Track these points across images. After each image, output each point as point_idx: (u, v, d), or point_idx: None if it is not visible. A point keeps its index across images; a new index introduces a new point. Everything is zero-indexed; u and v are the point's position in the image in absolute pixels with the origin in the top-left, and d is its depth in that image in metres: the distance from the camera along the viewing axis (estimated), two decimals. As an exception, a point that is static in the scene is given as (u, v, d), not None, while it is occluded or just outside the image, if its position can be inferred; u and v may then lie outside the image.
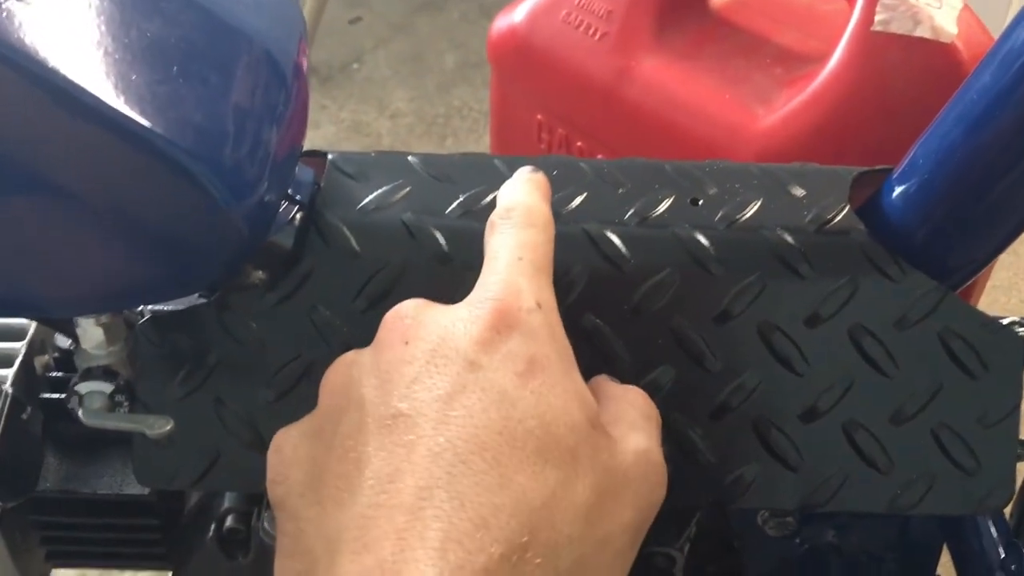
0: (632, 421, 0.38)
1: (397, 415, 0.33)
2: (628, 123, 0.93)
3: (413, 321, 0.36)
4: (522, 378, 0.34)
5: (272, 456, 0.37)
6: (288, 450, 0.37)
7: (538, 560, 0.31)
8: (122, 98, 0.34)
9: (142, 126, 0.34)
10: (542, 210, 0.41)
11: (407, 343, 0.35)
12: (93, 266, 0.37)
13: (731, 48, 0.91)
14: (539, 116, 1.05)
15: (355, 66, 1.94)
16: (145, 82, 0.35)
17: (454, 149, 1.69)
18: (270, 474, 0.37)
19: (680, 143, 0.89)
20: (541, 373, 0.34)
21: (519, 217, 0.40)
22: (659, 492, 0.37)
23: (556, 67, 0.99)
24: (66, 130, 0.34)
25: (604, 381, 0.41)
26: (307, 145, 0.46)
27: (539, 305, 0.36)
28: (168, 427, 0.40)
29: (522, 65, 1.03)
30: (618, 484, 0.35)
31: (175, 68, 0.36)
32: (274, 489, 0.36)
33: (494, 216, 0.41)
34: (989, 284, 1.32)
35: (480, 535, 0.30)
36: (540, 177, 0.43)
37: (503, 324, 0.35)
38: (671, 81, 0.91)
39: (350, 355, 0.37)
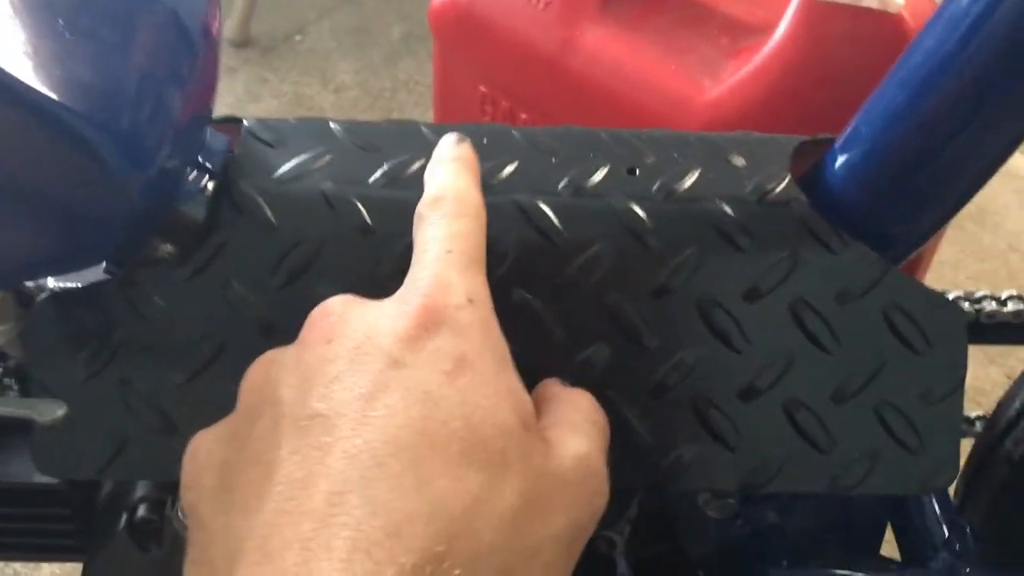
0: (573, 424, 0.36)
1: (314, 416, 0.31)
2: (573, 94, 0.92)
3: (338, 319, 0.34)
4: (449, 377, 0.32)
5: (186, 461, 0.35)
6: (202, 454, 0.35)
7: (456, 571, 0.29)
8: (1, 56, 0.31)
9: (23, 84, 0.31)
10: (472, 197, 0.39)
11: (330, 341, 0.33)
12: (-27, 238, 0.34)
13: (677, 18, 0.89)
14: (482, 88, 1.03)
15: (298, 37, 1.89)
16: (27, 37, 0.32)
17: (400, 123, 1.66)
18: (183, 479, 0.35)
19: (625, 115, 0.87)
20: (470, 371, 0.33)
21: (448, 207, 0.38)
22: (598, 500, 0.35)
23: (499, 37, 0.97)
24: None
25: (550, 383, 0.39)
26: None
27: (470, 301, 0.35)
28: (61, 412, 0.37)
29: (464, 35, 1.01)
30: (551, 490, 0.33)
31: (60, 21, 0.33)
32: (186, 495, 0.34)
33: (421, 206, 0.39)
34: (936, 259, 1.33)
35: (391, 544, 0.28)
36: (466, 152, 0.41)
37: (430, 321, 0.33)
38: (616, 52, 0.89)
39: (271, 353, 0.36)
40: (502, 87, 1.00)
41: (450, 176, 0.39)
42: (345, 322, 0.34)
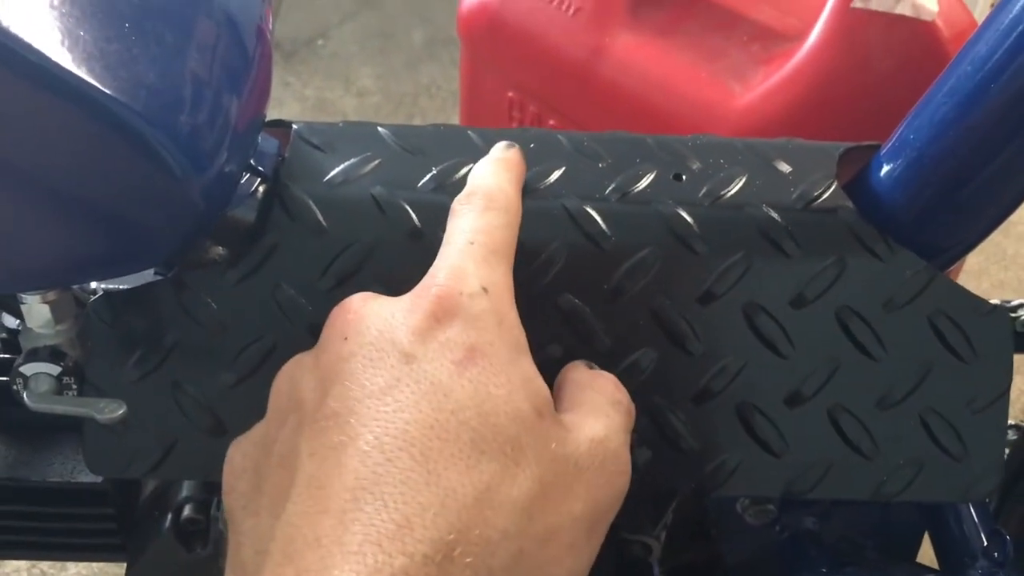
0: (594, 407, 0.36)
1: (330, 415, 0.32)
2: (602, 101, 0.92)
3: (355, 315, 0.35)
4: (459, 367, 0.32)
5: (225, 466, 0.36)
6: (237, 460, 0.36)
7: (468, 559, 0.29)
8: (68, 55, 0.31)
9: (90, 85, 0.31)
10: (505, 192, 0.39)
11: (346, 339, 0.34)
12: (36, 238, 0.35)
13: (707, 25, 0.89)
14: (510, 94, 1.03)
15: (320, 42, 1.90)
16: (93, 38, 0.32)
17: (422, 128, 1.66)
18: (224, 483, 0.36)
19: (655, 121, 0.87)
20: (482, 360, 0.33)
21: (479, 201, 0.38)
22: (619, 482, 0.35)
23: (528, 43, 0.97)
24: (6, 90, 0.31)
25: (574, 367, 0.39)
26: None
27: (484, 289, 0.35)
28: (120, 412, 0.38)
29: (493, 41, 1.01)
30: (567, 475, 0.33)
31: (127, 25, 0.33)
32: (225, 499, 0.35)
33: (455, 201, 0.39)
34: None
35: (402, 535, 0.29)
36: (514, 155, 0.41)
37: (442, 311, 0.34)
38: (646, 58, 0.89)
39: (297, 356, 0.36)
40: (531, 93, 1.00)
41: (488, 174, 0.40)
42: (361, 318, 0.34)
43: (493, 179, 0.40)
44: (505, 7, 0.98)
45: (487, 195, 0.39)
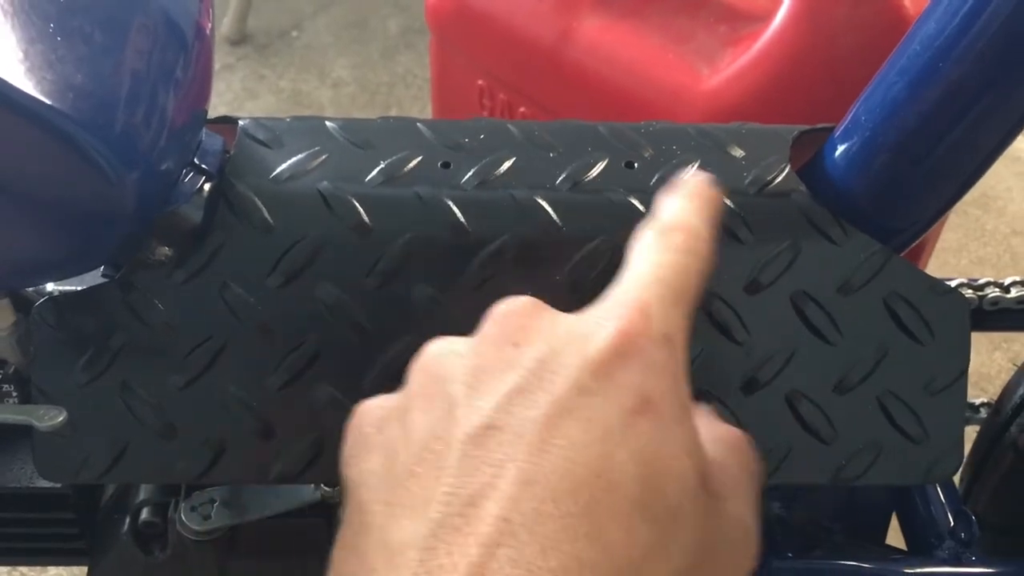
0: (736, 477, 0.34)
1: (489, 427, 0.29)
2: (571, 86, 0.91)
3: (527, 322, 0.32)
4: (632, 416, 0.30)
5: (352, 431, 0.33)
6: (368, 428, 0.33)
7: None
8: (-10, 59, 0.30)
9: (15, 89, 0.31)
10: (705, 239, 0.36)
11: (516, 345, 0.31)
12: (-34, 245, 0.34)
13: (675, 7, 0.89)
14: (480, 81, 1.02)
15: (295, 33, 1.88)
16: (16, 40, 0.31)
17: (399, 117, 1.65)
18: (346, 450, 0.33)
19: (625, 105, 0.87)
20: (653, 414, 0.30)
21: (679, 237, 0.35)
22: (749, 564, 0.33)
23: (496, 29, 0.96)
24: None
25: (707, 418, 0.36)
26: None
27: (667, 338, 0.32)
28: (60, 419, 0.37)
29: (461, 28, 1.00)
30: (714, 552, 0.31)
31: (51, 25, 0.32)
32: (348, 470, 0.33)
33: (652, 227, 0.36)
34: (938, 245, 1.33)
35: None
36: (715, 196, 0.38)
37: (623, 350, 0.31)
38: (614, 42, 0.88)
39: (447, 342, 0.33)
40: (500, 80, 0.99)
41: (692, 212, 0.36)
42: (533, 329, 0.32)
43: (697, 219, 0.36)
44: (472, -6, 0.98)
45: (690, 234, 0.35)
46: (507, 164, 0.43)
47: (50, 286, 0.46)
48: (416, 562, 0.27)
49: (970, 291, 0.61)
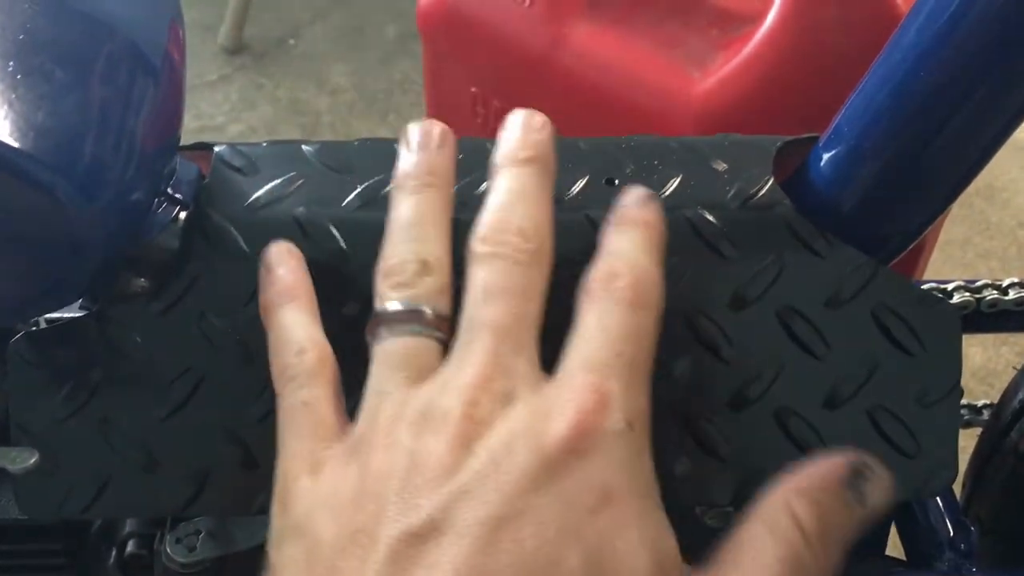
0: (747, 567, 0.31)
1: (428, 527, 0.27)
2: (563, 92, 0.90)
3: (483, 420, 0.29)
4: (591, 515, 0.28)
5: (276, 510, 0.32)
6: (298, 510, 0.30)
7: None
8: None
9: (-28, 131, 0.30)
10: (655, 279, 0.33)
11: (465, 447, 0.29)
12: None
13: (665, 11, 0.88)
14: (473, 89, 1.01)
15: (291, 41, 1.88)
16: (-26, 81, 0.31)
17: (397, 125, 1.65)
18: (272, 529, 0.32)
19: (616, 111, 0.86)
20: (611, 509, 0.28)
21: (626, 291, 0.32)
22: None
23: (487, 37, 0.95)
24: None
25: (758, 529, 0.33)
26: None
27: (630, 425, 0.30)
28: (32, 460, 0.37)
29: (453, 36, 0.99)
30: None
31: (10, 65, 0.32)
32: (272, 551, 0.31)
33: (593, 278, 0.33)
34: (943, 238, 1.31)
35: None
36: (655, 216, 0.35)
37: (582, 444, 0.29)
38: (605, 47, 0.88)
39: (400, 412, 0.31)
40: (493, 87, 0.99)
41: (634, 250, 0.34)
42: (487, 424, 0.29)
43: (643, 257, 0.33)
44: (463, 2, 0.97)
45: (637, 282, 0.32)
46: (485, 184, 0.43)
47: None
48: None
49: (968, 294, 0.60)
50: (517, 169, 0.35)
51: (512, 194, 0.35)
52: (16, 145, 0.31)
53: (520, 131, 0.36)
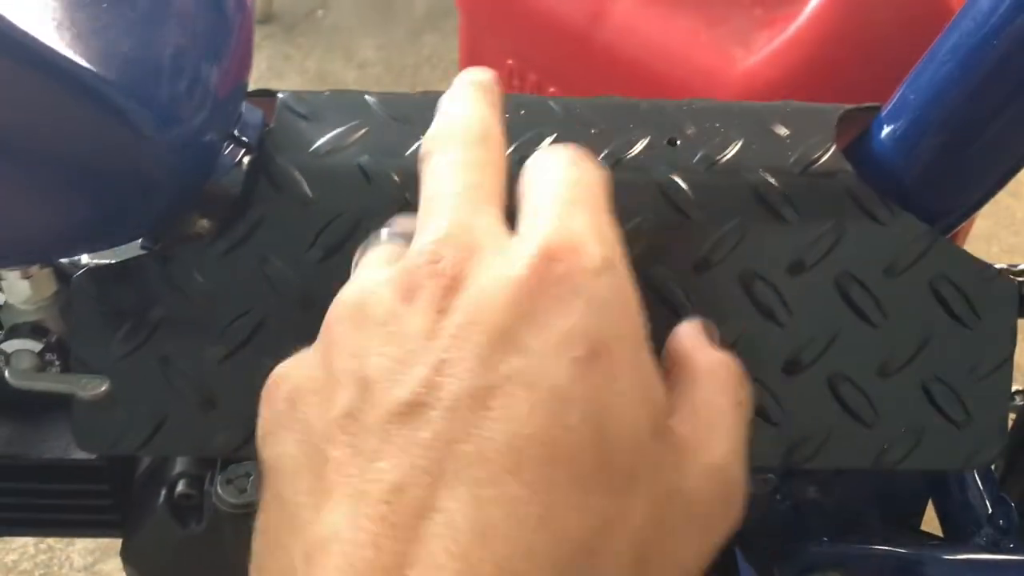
0: (713, 416, 0.30)
1: (414, 404, 0.25)
2: (602, 68, 0.90)
3: (451, 280, 0.27)
4: (581, 367, 0.25)
5: (264, 406, 0.29)
6: (281, 404, 0.29)
7: None
8: (37, 25, 0.30)
9: (61, 56, 0.30)
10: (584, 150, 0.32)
11: (441, 311, 0.26)
12: (12, 213, 0.34)
13: (709, -12, 0.88)
14: (510, 62, 1.01)
15: (320, 13, 1.88)
16: (63, 7, 0.31)
17: (424, 99, 1.65)
18: (260, 428, 0.29)
19: (656, 87, 0.86)
20: (605, 359, 0.26)
21: (566, 152, 0.31)
22: (733, 515, 0.29)
23: (527, 10, 0.95)
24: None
25: (688, 340, 0.32)
26: None
27: (608, 262, 0.27)
28: (103, 387, 0.37)
29: (491, 8, 0.99)
30: (681, 513, 0.27)
31: (98, -8, 0.32)
32: (263, 451, 0.29)
33: (531, 158, 0.32)
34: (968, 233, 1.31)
35: None
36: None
37: (561, 290, 0.26)
38: (646, 24, 0.88)
39: (364, 294, 0.28)
40: (530, 61, 0.99)
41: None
42: (456, 278, 0.27)
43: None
44: (503, -26, 0.97)
45: (572, 151, 0.31)
46: (548, 141, 0.43)
47: (85, 258, 0.46)
48: (340, 555, 0.24)
49: (1014, 276, 0.60)
50: (459, 90, 0.35)
51: (454, 103, 0.34)
52: (101, 72, 0.31)
53: (465, 71, 0.36)
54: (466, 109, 0.33)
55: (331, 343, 0.29)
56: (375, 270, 0.30)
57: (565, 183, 0.30)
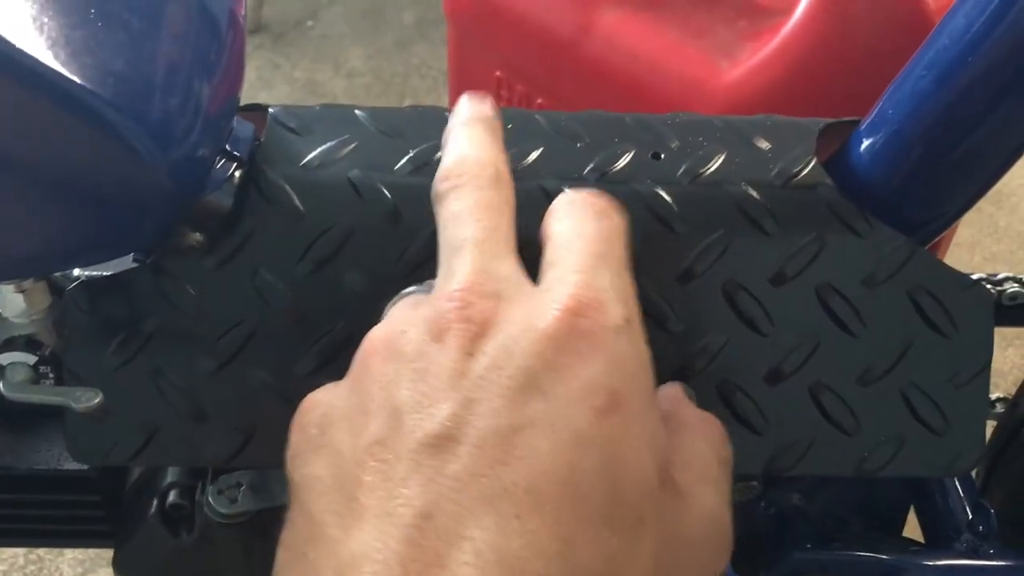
0: (704, 468, 0.32)
1: (444, 437, 0.27)
2: (590, 79, 0.91)
3: (480, 329, 0.29)
4: (599, 416, 0.28)
5: (295, 430, 0.31)
6: (312, 429, 0.30)
7: None
8: (34, 44, 0.31)
9: (55, 73, 0.31)
10: (612, 200, 0.34)
11: (470, 355, 0.28)
12: (5, 228, 0.35)
13: (694, 1, 0.89)
14: (498, 73, 1.02)
15: (310, 23, 1.88)
16: (58, 26, 0.32)
17: (413, 108, 1.65)
18: (290, 449, 0.31)
19: (643, 99, 0.87)
20: (621, 410, 0.28)
21: (593, 202, 0.33)
22: (724, 557, 0.31)
23: (515, 21, 0.96)
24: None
25: (678, 398, 0.35)
26: None
27: (628, 321, 0.30)
28: (96, 400, 0.38)
29: (479, 20, 1.00)
30: (681, 553, 0.29)
31: (92, 11, 0.33)
32: (293, 472, 0.31)
33: (558, 203, 0.34)
34: (952, 241, 1.32)
35: None
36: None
37: (585, 346, 0.28)
38: (633, 35, 0.88)
39: (395, 328, 0.31)
40: (518, 72, 1.00)
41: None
42: (483, 324, 0.29)
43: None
44: (491, -14, 0.98)
45: (599, 196, 0.34)
46: (535, 154, 0.43)
47: (78, 271, 0.46)
48: (370, 574, 0.26)
49: (989, 286, 0.61)
50: (467, 128, 0.37)
51: (463, 142, 0.36)
52: (96, 90, 0.32)
53: (467, 103, 0.38)
54: (476, 150, 0.35)
55: (363, 375, 0.31)
56: (407, 311, 0.32)
57: (591, 238, 0.32)
